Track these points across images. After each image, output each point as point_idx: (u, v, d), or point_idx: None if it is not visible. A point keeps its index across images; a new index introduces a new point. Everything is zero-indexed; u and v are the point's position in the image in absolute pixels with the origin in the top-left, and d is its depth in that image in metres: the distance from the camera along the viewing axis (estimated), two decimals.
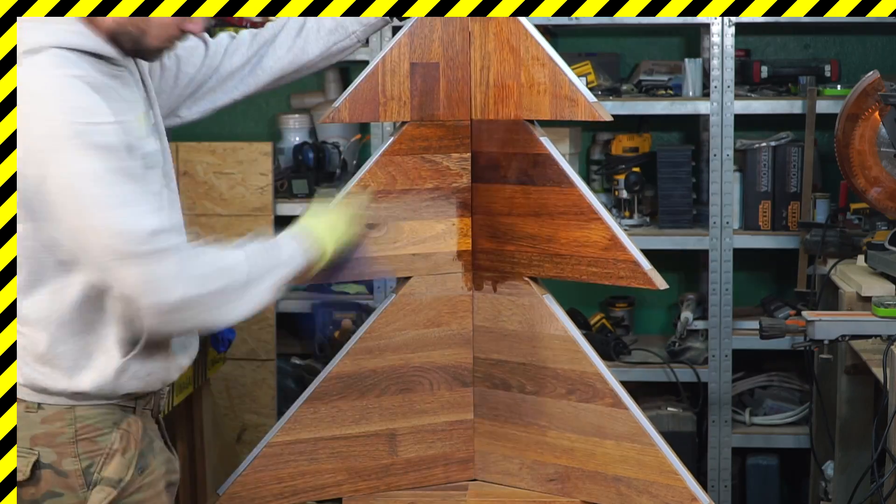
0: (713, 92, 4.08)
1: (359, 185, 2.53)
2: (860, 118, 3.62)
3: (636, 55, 4.60)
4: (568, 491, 2.55)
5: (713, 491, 4.14)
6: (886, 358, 2.84)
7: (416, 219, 2.58)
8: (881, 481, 2.80)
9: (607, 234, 2.42)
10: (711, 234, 4.13)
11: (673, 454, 2.45)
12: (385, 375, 2.59)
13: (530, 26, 2.47)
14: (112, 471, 2.15)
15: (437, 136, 2.56)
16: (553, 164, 2.47)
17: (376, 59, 2.54)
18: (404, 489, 2.63)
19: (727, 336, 4.15)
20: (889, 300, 2.91)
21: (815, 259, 3.93)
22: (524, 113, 2.49)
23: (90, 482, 2.13)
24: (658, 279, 2.41)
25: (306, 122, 4.54)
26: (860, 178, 3.64)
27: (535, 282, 2.55)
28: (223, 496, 2.54)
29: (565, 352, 2.51)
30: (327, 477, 2.59)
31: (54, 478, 2.12)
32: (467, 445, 2.66)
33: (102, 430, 2.15)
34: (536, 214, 2.50)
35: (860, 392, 3.46)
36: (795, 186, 4.19)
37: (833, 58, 4.42)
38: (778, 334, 3.04)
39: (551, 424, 2.55)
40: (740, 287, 4.29)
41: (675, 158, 4.23)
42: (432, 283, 2.59)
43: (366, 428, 2.60)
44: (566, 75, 2.43)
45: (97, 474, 2.14)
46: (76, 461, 2.13)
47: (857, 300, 3.33)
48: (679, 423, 4.18)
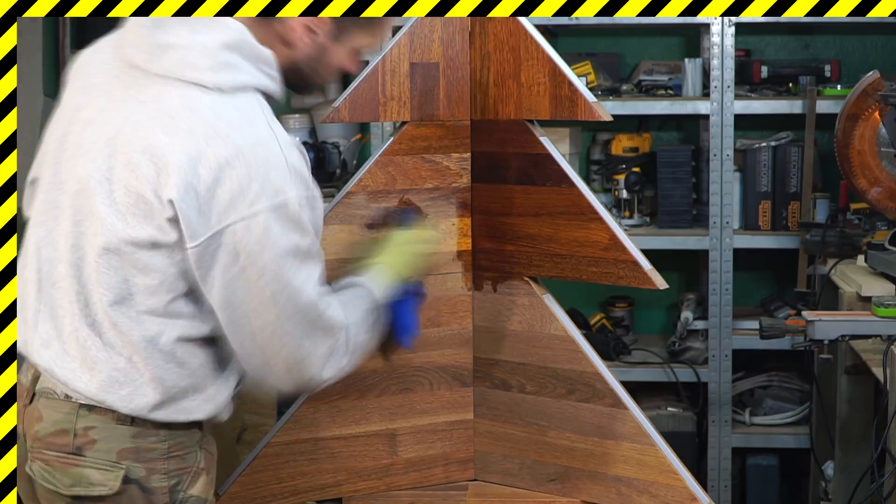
0: (713, 92, 4.08)
1: (358, 184, 2.53)
2: (860, 118, 3.62)
3: (636, 55, 4.60)
4: (568, 491, 2.55)
5: (713, 491, 4.14)
6: (886, 358, 2.84)
7: None
8: (881, 481, 2.80)
9: (607, 234, 2.42)
10: (711, 234, 4.13)
11: (673, 454, 2.45)
12: (385, 375, 2.59)
13: (530, 26, 2.47)
14: (199, 489, 2.09)
15: (437, 136, 2.56)
16: (553, 164, 2.47)
17: (376, 59, 2.54)
18: (404, 489, 2.63)
19: (727, 336, 4.15)
20: (889, 300, 2.91)
21: (815, 259, 3.93)
22: (524, 113, 2.49)
23: (176, 500, 2.06)
24: (658, 279, 2.41)
25: (306, 122, 4.54)
26: (860, 178, 3.64)
27: (535, 282, 2.55)
28: (223, 496, 2.54)
29: (565, 352, 2.51)
30: (327, 477, 2.59)
31: (139, 494, 2.03)
32: (467, 445, 2.66)
33: (190, 449, 2.09)
34: (536, 214, 2.50)
35: (860, 392, 3.46)
36: (795, 186, 4.19)
37: (833, 58, 4.42)
38: (778, 334, 3.04)
39: (551, 424, 2.55)
40: (740, 287, 4.29)
41: (675, 158, 4.23)
42: (432, 283, 2.59)
43: (366, 428, 2.60)
44: (566, 75, 2.43)
45: (183, 493, 2.07)
46: (165, 478, 2.05)
47: (857, 300, 3.33)
48: (679, 423, 4.18)
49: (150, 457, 2.04)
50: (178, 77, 1.98)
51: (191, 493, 2.08)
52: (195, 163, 1.92)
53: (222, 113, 1.96)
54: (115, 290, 1.99)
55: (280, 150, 1.97)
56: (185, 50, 1.98)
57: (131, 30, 2.05)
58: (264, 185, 1.94)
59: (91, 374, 2.02)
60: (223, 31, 2.00)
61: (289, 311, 2.00)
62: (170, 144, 1.94)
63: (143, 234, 1.96)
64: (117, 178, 1.97)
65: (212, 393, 2.10)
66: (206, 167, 1.92)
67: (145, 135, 1.96)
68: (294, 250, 1.98)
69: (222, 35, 2.00)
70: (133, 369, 2.03)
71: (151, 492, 2.04)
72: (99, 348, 2.02)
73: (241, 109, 1.98)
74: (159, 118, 1.96)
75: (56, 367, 2.04)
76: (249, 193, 1.93)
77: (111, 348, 2.02)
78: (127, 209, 1.97)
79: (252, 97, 2.02)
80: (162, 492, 2.04)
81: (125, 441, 2.03)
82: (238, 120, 1.96)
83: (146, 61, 2.00)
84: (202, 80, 1.97)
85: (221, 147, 1.93)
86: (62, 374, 2.03)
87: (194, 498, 2.08)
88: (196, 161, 1.92)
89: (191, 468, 2.08)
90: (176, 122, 1.95)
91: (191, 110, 1.96)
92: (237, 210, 1.93)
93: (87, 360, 2.02)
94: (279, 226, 1.95)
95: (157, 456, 2.05)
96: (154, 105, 1.97)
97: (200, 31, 1.99)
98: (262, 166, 1.94)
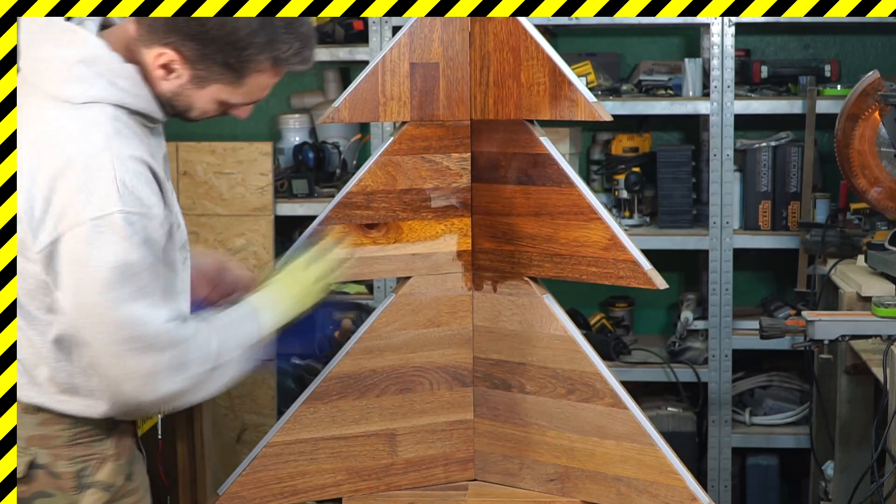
0: (713, 92, 4.08)
1: (358, 184, 2.53)
2: (860, 118, 3.62)
3: (636, 55, 4.60)
4: (568, 491, 2.55)
5: (713, 491, 4.14)
6: (886, 358, 2.84)
7: (416, 219, 2.58)
8: (881, 481, 2.80)
9: (607, 234, 2.42)
10: (711, 234, 4.13)
11: (673, 454, 2.45)
12: (385, 375, 2.59)
13: (530, 26, 2.47)
14: (105, 475, 2.16)
15: (436, 136, 2.56)
16: (553, 164, 2.47)
17: (376, 59, 2.54)
18: (404, 489, 2.63)
19: (727, 336, 4.15)
20: (889, 300, 2.91)
21: (815, 259, 3.93)
22: (524, 113, 2.49)
23: (82, 485, 2.14)
24: (658, 279, 2.41)
25: (306, 122, 4.54)
26: (860, 178, 3.64)
27: (534, 282, 2.55)
28: (223, 496, 2.54)
29: (565, 352, 2.51)
30: (327, 477, 2.59)
31: (47, 478, 2.12)
32: (467, 445, 2.66)
33: (97, 436, 2.16)
34: (536, 214, 2.50)
35: (860, 392, 3.46)
36: (795, 186, 4.19)
37: (833, 58, 4.42)
38: (778, 334, 3.05)
39: (551, 424, 2.55)
40: (740, 287, 4.29)
41: (675, 158, 4.23)
42: (432, 283, 2.59)
43: (366, 428, 2.60)
44: (566, 75, 2.43)
45: (90, 478, 2.15)
46: (71, 464, 2.14)
47: (857, 300, 3.33)
48: (679, 423, 4.18)
49: (54, 444, 2.13)
50: (43, 89, 2.07)
51: (97, 479, 2.15)
52: (35, 171, 2.01)
53: (65, 124, 2.03)
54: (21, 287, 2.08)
55: (111, 164, 2.00)
56: (47, 63, 2.08)
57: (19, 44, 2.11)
58: (90, 197, 1.98)
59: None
60: (81, 46, 2.08)
61: (111, 326, 2.02)
62: (22, 155, 2.03)
63: (21, 236, 2.04)
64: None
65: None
66: (43, 175, 2.00)
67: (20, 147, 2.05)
68: (118, 264, 1.99)
69: (79, 50, 2.07)
70: (32, 361, 2.10)
71: (57, 476, 2.13)
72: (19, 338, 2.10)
73: (81, 121, 2.04)
74: (24, 130, 2.05)
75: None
76: (77, 204, 1.98)
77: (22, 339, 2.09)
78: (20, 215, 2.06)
79: (101, 110, 2.06)
80: (68, 476, 2.14)
81: (32, 428, 2.12)
82: (76, 132, 2.02)
83: (28, 73, 2.10)
84: (56, 93, 2.06)
85: (57, 156, 2.00)
86: None
87: (100, 482, 2.16)
88: (36, 169, 2.01)
89: (97, 454, 2.16)
90: (29, 133, 2.04)
91: (41, 121, 2.04)
92: (68, 219, 1.99)
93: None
94: (102, 238, 1.98)
95: (62, 443, 2.13)
96: (24, 116, 2.07)
97: (63, 46, 2.08)
98: (90, 178, 1.99)
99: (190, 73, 2.08)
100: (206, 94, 2.12)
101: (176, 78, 2.09)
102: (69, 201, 1.98)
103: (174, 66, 2.08)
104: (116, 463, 2.18)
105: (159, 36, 2.06)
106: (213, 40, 2.05)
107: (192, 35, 2.04)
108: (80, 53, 2.06)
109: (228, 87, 2.11)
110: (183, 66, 2.08)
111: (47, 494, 2.13)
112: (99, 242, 1.98)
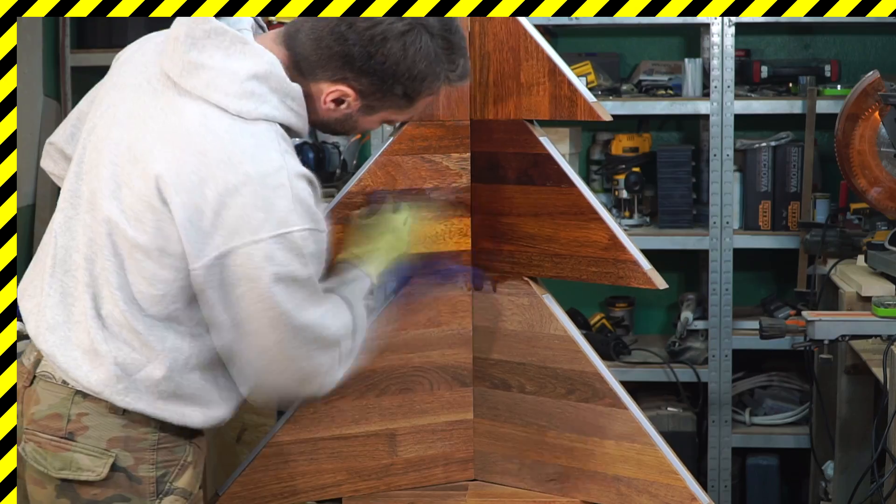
0: (713, 92, 4.08)
1: (358, 184, 2.53)
2: (860, 118, 3.62)
3: (636, 55, 4.60)
4: (568, 491, 2.55)
5: (713, 491, 4.14)
6: (886, 358, 2.84)
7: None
8: (881, 481, 2.80)
9: (607, 234, 2.42)
10: (711, 234, 4.13)
11: (673, 454, 2.45)
12: (385, 375, 2.59)
13: (530, 26, 2.47)
14: (185, 482, 2.14)
15: (436, 136, 2.56)
16: (553, 164, 2.47)
17: None
18: (404, 489, 2.63)
19: (727, 336, 4.15)
20: (889, 300, 2.91)
21: (815, 259, 3.93)
22: (524, 113, 2.48)
23: (161, 491, 2.11)
24: (658, 279, 2.41)
25: None
26: (860, 178, 3.64)
27: (535, 282, 2.55)
28: (223, 496, 2.54)
29: (565, 352, 2.51)
30: (327, 477, 2.59)
31: (126, 482, 2.08)
32: (467, 445, 2.66)
33: (179, 443, 2.13)
34: (536, 214, 2.50)
35: (860, 392, 3.46)
36: (795, 186, 4.19)
37: (833, 58, 4.42)
38: (778, 334, 3.04)
39: (551, 424, 2.55)
40: (740, 287, 4.29)
41: (675, 158, 4.23)
42: (432, 283, 2.59)
43: (366, 428, 2.60)
44: (566, 75, 2.43)
45: (170, 484, 2.12)
46: (153, 468, 2.10)
47: (857, 300, 3.33)
48: (679, 423, 4.18)
49: (139, 447, 2.09)
50: (205, 97, 2.02)
51: (177, 485, 2.13)
52: (203, 184, 1.97)
53: (238, 139, 1.99)
54: (124, 291, 2.04)
55: (288, 182, 2.00)
56: (215, 73, 2.02)
57: (170, 40, 2.07)
58: (269, 214, 1.97)
59: (92, 365, 2.06)
60: (255, 60, 2.03)
61: (288, 336, 2.04)
62: (182, 161, 1.98)
63: (151, 242, 2.00)
64: (132, 184, 2.02)
65: (209, 407, 2.14)
66: (213, 190, 1.97)
67: (163, 147, 2.00)
68: (293, 279, 2.01)
69: (253, 64, 2.03)
70: (134, 368, 2.06)
71: (138, 480, 2.09)
72: (102, 341, 2.05)
73: (256, 137, 2.01)
74: (178, 134, 2.00)
75: (59, 354, 2.08)
76: (254, 221, 1.97)
77: (115, 344, 2.05)
78: (136, 215, 2.01)
79: (270, 127, 2.04)
80: (149, 481, 2.09)
81: (116, 430, 2.08)
82: (252, 148, 1.99)
83: (178, 76, 2.04)
84: (226, 105, 2.01)
85: (231, 172, 1.97)
86: (64, 360, 2.07)
87: (180, 489, 2.13)
88: (204, 182, 1.97)
89: (179, 461, 2.13)
90: (192, 141, 1.99)
91: (209, 131, 1.99)
92: (241, 236, 1.97)
93: (90, 351, 2.06)
94: (280, 255, 1.98)
95: (147, 446, 2.09)
96: (176, 120, 2.01)
97: (233, 57, 2.03)
98: (269, 196, 1.98)
99: (361, 104, 2.10)
100: (374, 118, 2.15)
101: (345, 108, 2.11)
102: (245, 218, 1.97)
103: (346, 98, 2.09)
104: (195, 470, 2.16)
105: (331, 72, 2.06)
106: (392, 75, 2.06)
107: (370, 71, 2.05)
108: (255, 68, 2.03)
109: (398, 111, 2.15)
110: (356, 100, 2.09)
111: (124, 499, 2.09)
112: (279, 259, 1.98)
